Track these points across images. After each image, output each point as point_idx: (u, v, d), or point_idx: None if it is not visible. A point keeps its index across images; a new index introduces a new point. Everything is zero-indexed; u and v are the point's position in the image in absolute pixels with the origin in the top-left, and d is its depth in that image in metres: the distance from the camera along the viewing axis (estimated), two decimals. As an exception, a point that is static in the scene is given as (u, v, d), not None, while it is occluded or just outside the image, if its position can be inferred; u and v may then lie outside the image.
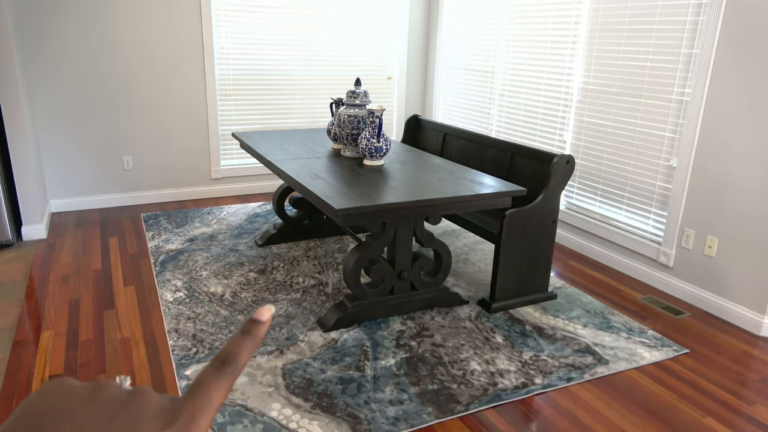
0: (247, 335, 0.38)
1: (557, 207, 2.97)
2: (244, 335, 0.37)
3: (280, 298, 3.02)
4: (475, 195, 2.54)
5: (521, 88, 4.28)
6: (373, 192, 2.52)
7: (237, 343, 0.37)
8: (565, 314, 2.98)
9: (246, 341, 0.37)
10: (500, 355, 2.58)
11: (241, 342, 0.37)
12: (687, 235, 3.15)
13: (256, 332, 0.38)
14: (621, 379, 2.45)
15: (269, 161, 3.06)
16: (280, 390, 2.27)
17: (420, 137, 4.13)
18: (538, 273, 3.04)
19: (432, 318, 2.88)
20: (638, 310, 3.09)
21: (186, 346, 2.55)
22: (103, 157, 4.39)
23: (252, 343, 0.37)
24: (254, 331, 0.38)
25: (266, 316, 0.39)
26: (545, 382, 2.38)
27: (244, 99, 4.78)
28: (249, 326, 0.38)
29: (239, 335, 0.37)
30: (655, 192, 3.34)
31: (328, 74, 5.04)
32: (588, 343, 2.71)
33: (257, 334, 0.38)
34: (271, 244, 3.76)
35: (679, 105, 3.14)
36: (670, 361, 2.60)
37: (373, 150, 2.95)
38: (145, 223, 4.13)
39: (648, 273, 3.39)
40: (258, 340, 0.38)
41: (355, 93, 3.10)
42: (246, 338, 0.37)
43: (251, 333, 0.38)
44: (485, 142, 3.47)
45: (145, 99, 4.40)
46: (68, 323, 2.74)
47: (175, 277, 3.23)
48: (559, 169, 2.91)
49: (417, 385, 2.33)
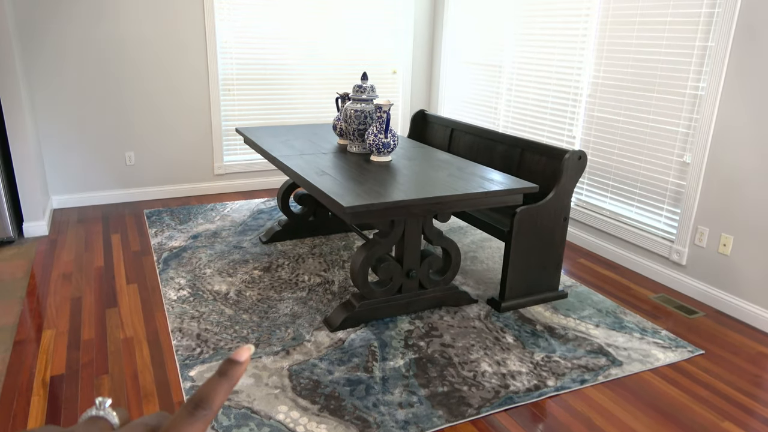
0: (223, 376, 0.36)
1: (569, 204, 2.91)
2: (221, 376, 0.36)
3: (286, 297, 2.97)
4: (486, 192, 2.48)
5: (529, 82, 4.20)
6: (382, 189, 2.46)
7: (212, 385, 0.36)
8: (577, 314, 2.92)
9: (222, 383, 0.36)
10: (511, 355, 2.52)
11: (216, 384, 0.36)
12: (701, 233, 3.09)
13: (233, 373, 0.37)
14: (635, 381, 2.39)
15: (274, 157, 3.00)
16: (286, 392, 2.21)
17: (427, 132, 4.06)
18: (548, 271, 2.98)
19: (441, 317, 2.82)
20: (651, 309, 3.02)
21: (190, 346, 2.50)
22: (104, 152, 4.33)
23: (228, 385, 0.36)
24: (231, 372, 0.37)
25: (244, 356, 0.37)
26: (558, 384, 2.33)
27: (248, 94, 4.71)
28: (226, 367, 0.37)
29: (215, 376, 0.36)
30: (668, 189, 3.27)
31: (332, 68, 4.97)
32: (601, 343, 2.65)
33: (234, 375, 0.37)
34: (276, 241, 3.70)
35: (693, 99, 3.07)
36: (684, 362, 2.54)
37: (381, 146, 2.88)
38: (147, 219, 4.08)
39: (660, 271, 3.32)
40: (234, 381, 0.37)
41: (362, 87, 3.03)
42: (222, 380, 0.36)
43: (227, 374, 0.36)
44: (494, 137, 3.41)
45: (147, 94, 4.34)
46: (70, 322, 2.69)
47: (179, 275, 3.18)
48: (571, 165, 2.84)
49: (426, 387, 2.27)
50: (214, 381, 0.36)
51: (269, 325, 2.69)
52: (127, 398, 2.16)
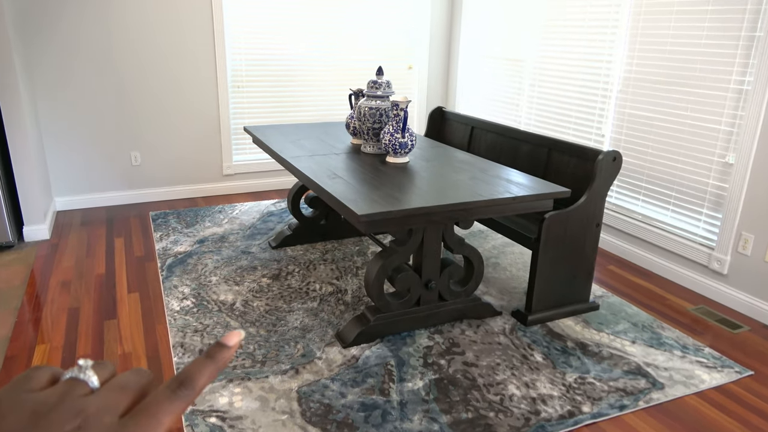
0: (210, 359, 0.36)
1: (602, 209, 2.68)
2: (207, 359, 0.36)
3: (295, 308, 2.77)
4: (514, 198, 2.26)
5: (554, 77, 3.96)
6: (399, 194, 2.25)
7: (198, 366, 0.35)
8: (610, 328, 2.69)
9: (208, 365, 0.35)
10: (541, 376, 2.30)
11: (202, 365, 0.35)
12: (745, 240, 2.84)
13: (221, 357, 0.36)
14: (680, 406, 2.16)
15: (283, 158, 2.80)
16: (295, 418, 2.02)
17: (445, 131, 3.84)
18: (578, 281, 2.76)
19: (462, 332, 2.61)
20: (690, 322, 2.79)
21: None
22: (109, 152, 4.17)
23: (214, 368, 0.36)
24: (219, 355, 0.36)
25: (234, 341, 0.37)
26: (594, 410, 2.11)
27: (258, 91, 4.52)
28: (214, 350, 0.36)
29: (202, 358, 0.36)
30: (708, 191, 3.02)
31: (345, 64, 4.76)
32: (639, 362, 2.42)
33: (221, 358, 0.36)
34: (286, 246, 3.51)
35: (737, 95, 2.82)
36: (732, 384, 2.31)
37: (398, 146, 2.67)
38: (153, 222, 3.91)
39: (698, 281, 3.08)
40: (221, 366, 0.36)
41: (377, 83, 2.82)
42: (208, 362, 0.36)
43: (215, 357, 0.36)
44: (518, 136, 3.18)
45: (153, 91, 4.17)
46: (66, 335, 2.52)
47: (183, 283, 3.00)
48: (605, 167, 2.61)
49: (449, 413, 2.06)
50: (200, 362, 0.36)
51: (277, 340, 2.50)
52: (122, 424, 1.98)
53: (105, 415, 0.31)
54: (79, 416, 0.31)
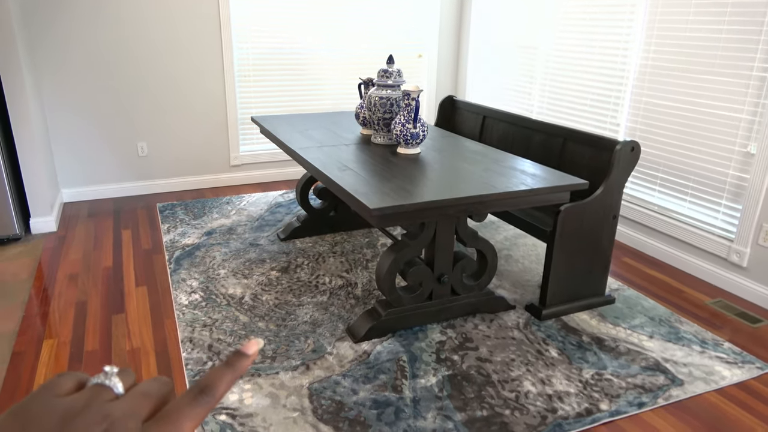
0: (230, 367, 0.37)
1: (619, 201, 2.61)
2: (227, 366, 0.37)
3: (305, 302, 2.73)
4: (530, 190, 2.19)
5: (568, 65, 3.87)
6: (411, 186, 2.19)
7: (218, 374, 0.37)
8: (627, 322, 2.63)
9: (227, 372, 0.37)
10: (556, 372, 2.25)
11: (222, 373, 0.37)
12: (766, 232, 2.76)
13: (240, 365, 0.37)
14: (700, 403, 2.10)
15: (292, 149, 2.74)
16: (306, 415, 1.98)
17: (456, 120, 3.77)
18: (594, 275, 2.69)
19: (475, 326, 2.55)
20: (708, 316, 2.72)
21: (201, 359, 2.28)
22: (116, 143, 4.13)
23: (233, 376, 0.37)
24: (238, 363, 0.37)
25: (253, 350, 0.38)
26: (612, 408, 2.05)
27: (265, 80, 4.45)
28: (233, 359, 0.38)
29: (222, 366, 0.37)
30: (728, 182, 2.94)
31: (353, 53, 4.68)
32: (657, 358, 2.36)
33: (240, 366, 0.37)
34: (295, 238, 3.46)
35: (760, 83, 2.73)
36: (754, 380, 2.25)
37: (409, 137, 2.61)
38: (160, 214, 3.87)
39: (716, 273, 3.01)
40: (239, 373, 0.37)
41: (388, 72, 2.75)
42: (228, 369, 0.37)
43: (234, 365, 0.37)
44: (531, 125, 3.10)
45: (159, 81, 4.11)
46: (73, 330, 2.49)
47: (191, 277, 2.96)
48: (622, 158, 2.53)
49: (463, 410, 2.02)
50: (221, 370, 0.37)
51: (287, 335, 2.45)
52: (131, 421, 1.95)
53: (129, 420, 0.32)
54: (106, 420, 0.32)
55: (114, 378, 0.35)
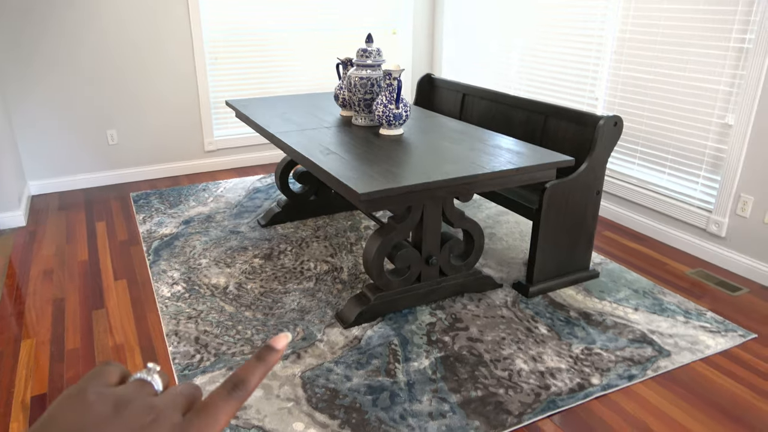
0: (261, 361, 0.39)
1: (602, 176, 2.62)
2: (258, 361, 0.39)
3: (291, 289, 2.69)
4: (517, 168, 2.18)
5: (545, 39, 3.84)
6: (398, 169, 2.15)
7: (250, 368, 0.38)
8: (612, 296, 2.66)
9: (259, 366, 0.38)
10: (547, 349, 2.26)
11: (254, 367, 0.38)
12: (744, 202, 2.81)
13: (270, 359, 0.39)
14: (687, 373, 2.14)
15: (271, 134, 2.67)
16: (301, 404, 1.95)
17: (435, 99, 3.72)
18: (579, 250, 2.71)
19: (464, 306, 2.55)
20: (689, 287, 2.77)
21: (188, 352, 2.23)
22: (84, 131, 3.97)
23: (264, 369, 0.39)
24: (268, 357, 0.39)
25: (282, 344, 0.40)
26: (604, 381, 2.08)
27: (238, 62, 4.32)
28: (264, 352, 0.39)
29: (253, 360, 0.39)
30: (706, 153, 2.97)
31: (326, 32, 4.57)
32: (643, 330, 2.39)
33: (271, 360, 0.39)
34: (276, 224, 3.40)
35: (737, 53, 2.75)
36: (737, 348, 2.30)
37: (392, 117, 2.56)
38: (134, 203, 3.75)
39: (696, 244, 3.06)
40: (270, 367, 0.39)
41: (367, 51, 2.69)
42: (259, 364, 0.38)
43: (265, 359, 0.39)
44: (513, 102, 3.08)
45: (127, 66, 3.95)
46: (52, 328, 2.40)
47: (172, 268, 2.88)
48: (605, 133, 2.53)
49: (458, 392, 2.02)
50: (252, 364, 0.39)
51: (276, 324, 2.42)
52: (120, 420, 1.89)
53: (173, 412, 0.35)
54: (153, 411, 0.34)
55: (155, 375, 0.38)
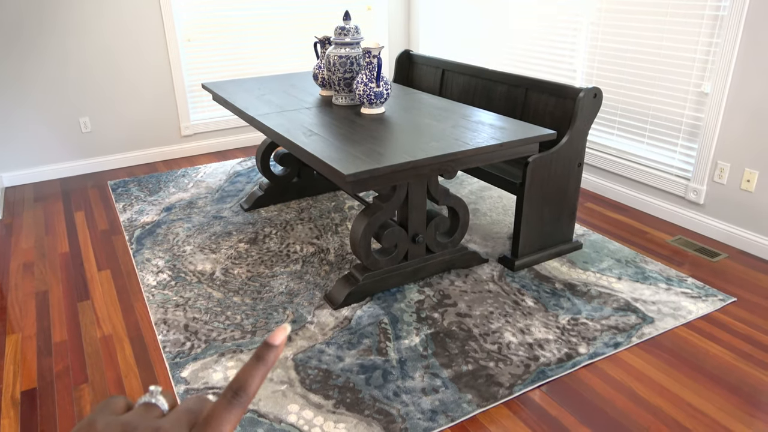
0: (260, 361, 0.37)
1: (584, 148, 2.64)
2: (258, 361, 0.37)
3: (278, 272, 2.68)
4: (501, 144, 2.18)
5: (522, 11, 3.82)
6: (382, 149, 2.14)
7: (249, 371, 0.37)
8: (595, 266, 2.71)
9: (259, 368, 0.37)
10: (534, 321, 2.30)
11: (253, 369, 0.37)
12: (721, 169, 2.86)
13: (270, 357, 0.37)
14: (671, 339, 2.20)
15: (251, 117, 2.63)
16: (295, 387, 1.96)
17: (414, 75, 3.70)
18: (562, 222, 2.74)
19: (451, 282, 2.58)
20: (670, 254, 2.83)
21: (178, 340, 2.22)
22: (56, 120, 3.87)
23: (265, 369, 0.37)
24: (267, 356, 0.37)
25: (280, 339, 0.38)
26: (591, 350, 2.13)
27: (212, 44, 4.23)
28: (262, 351, 0.37)
29: (252, 361, 0.37)
30: (683, 122, 3.01)
31: (300, 9, 4.48)
32: (627, 298, 2.45)
33: (270, 359, 0.37)
34: (259, 208, 3.37)
35: (713, 22, 2.77)
36: (718, 312, 2.37)
37: (373, 96, 2.54)
38: (113, 192, 3.69)
39: (675, 212, 3.12)
40: (270, 365, 0.38)
41: (345, 29, 2.65)
42: (259, 364, 0.37)
43: (264, 358, 0.37)
44: (492, 77, 3.07)
45: (97, 50, 3.84)
46: (37, 322, 2.37)
47: (156, 256, 2.85)
48: (586, 105, 2.55)
49: (449, 366, 2.05)
50: (251, 366, 0.37)
51: (265, 308, 2.41)
52: (113, 411, 1.89)
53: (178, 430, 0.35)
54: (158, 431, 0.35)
55: (159, 396, 0.38)
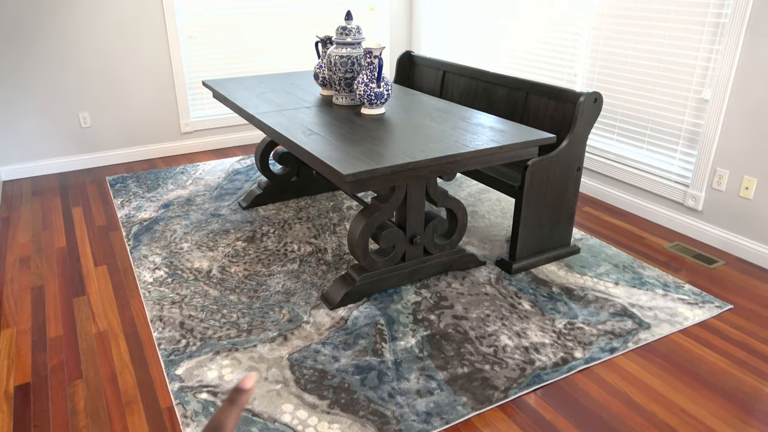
0: (233, 404, 0.43)
1: (583, 152, 2.64)
2: (231, 404, 0.43)
3: (275, 271, 2.68)
4: (500, 147, 2.18)
5: (525, 14, 3.82)
6: (382, 149, 2.13)
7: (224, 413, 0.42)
8: (593, 271, 2.70)
9: (232, 410, 0.42)
10: (531, 325, 2.30)
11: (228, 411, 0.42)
12: (720, 176, 2.87)
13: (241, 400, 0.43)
14: (667, 345, 2.20)
15: (251, 115, 2.63)
16: (289, 386, 1.96)
17: (415, 77, 3.69)
18: (560, 226, 2.74)
19: (448, 284, 2.57)
20: (667, 260, 2.83)
21: (173, 337, 2.21)
22: (55, 114, 3.86)
23: (238, 411, 0.42)
24: (239, 399, 0.43)
25: (250, 384, 0.44)
26: (586, 355, 2.13)
27: (214, 41, 4.22)
28: (234, 395, 0.43)
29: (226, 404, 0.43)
30: (683, 128, 3.01)
31: (303, 8, 4.48)
32: (623, 304, 2.45)
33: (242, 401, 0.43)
34: (257, 206, 3.37)
35: (714, 29, 2.77)
36: (714, 319, 2.37)
37: (373, 96, 2.53)
38: (111, 188, 3.68)
39: (673, 218, 3.12)
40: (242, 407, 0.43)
41: (347, 29, 2.64)
42: (232, 407, 0.42)
43: (236, 402, 0.43)
44: (493, 80, 3.07)
45: (99, 46, 3.83)
46: (33, 317, 2.36)
47: (153, 252, 2.85)
48: (586, 109, 2.55)
49: (445, 369, 2.05)
50: (225, 409, 0.42)
51: (261, 306, 2.41)
52: (107, 407, 1.88)
53: None
54: None
55: None
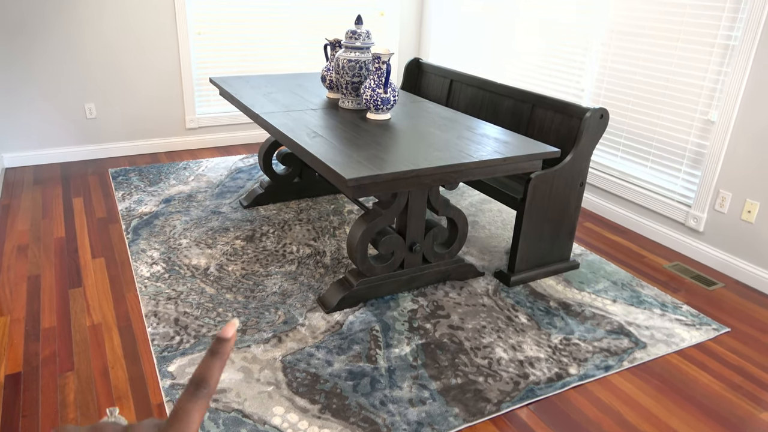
0: (215, 355, 0.40)
1: (587, 168, 2.63)
2: (213, 356, 0.40)
3: (273, 272, 2.67)
4: (504, 158, 2.18)
5: (533, 28, 3.83)
6: (386, 155, 2.13)
7: (207, 365, 0.39)
8: (591, 287, 2.69)
9: (215, 361, 0.40)
10: (527, 338, 2.29)
11: (210, 363, 0.39)
12: (722, 198, 2.86)
13: (223, 350, 0.40)
14: (662, 365, 2.19)
15: (256, 114, 2.62)
16: (281, 389, 1.95)
17: (422, 84, 3.69)
18: (560, 241, 2.74)
19: (446, 294, 2.56)
20: (667, 279, 2.82)
21: (167, 333, 2.20)
22: (61, 104, 3.86)
23: (221, 362, 0.40)
24: (221, 349, 0.40)
25: (231, 332, 0.40)
26: (581, 372, 2.11)
27: (223, 38, 4.23)
28: (216, 346, 0.40)
29: (207, 356, 0.40)
30: (688, 149, 3.01)
31: (314, 11, 4.49)
32: (621, 322, 2.44)
33: (224, 352, 0.40)
34: (258, 206, 3.36)
35: (723, 51, 2.77)
36: (711, 342, 2.36)
37: (380, 102, 2.53)
38: (113, 180, 3.68)
39: (674, 238, 3.11)
40: (225, 358, 0.40)
41: (356, 33, 2.65)
42: (215, 358, 0.40)
43: (219, 352, 0.40)
44: (500, 90, 3.07)
45: (107, 37, 3.84)
46: (27, 306, 2.35)
47: (151, 247, 2.84)
48: (592, 125, 2.54)
49: (438, 378, 2.03)
50: (207, 361, 0.40)
51: (257, 307, 2.40)
52: (97, 401, 1.87)
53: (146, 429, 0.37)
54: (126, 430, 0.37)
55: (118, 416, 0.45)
